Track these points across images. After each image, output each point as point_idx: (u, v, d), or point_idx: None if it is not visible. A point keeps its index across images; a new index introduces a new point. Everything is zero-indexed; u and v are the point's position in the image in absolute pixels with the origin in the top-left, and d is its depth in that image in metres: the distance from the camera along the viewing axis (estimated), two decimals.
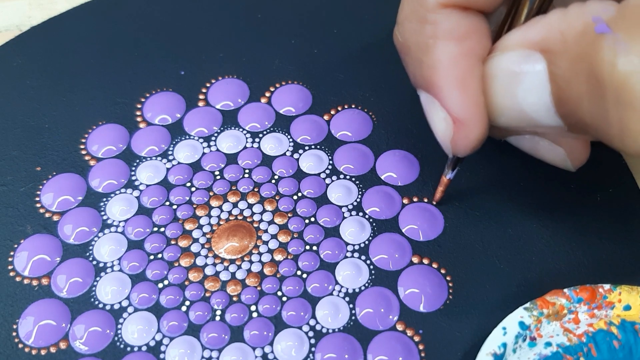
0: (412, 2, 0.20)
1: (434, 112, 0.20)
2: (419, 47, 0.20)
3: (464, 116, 0.19)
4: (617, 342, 0.21)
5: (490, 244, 0.24)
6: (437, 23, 0.20)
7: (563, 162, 0.23)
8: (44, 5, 0.32)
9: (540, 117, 0.18)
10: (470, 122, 0.19)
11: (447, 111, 0.20)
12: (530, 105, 0.18)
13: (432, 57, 0.20)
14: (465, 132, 0.20)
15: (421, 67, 0.20)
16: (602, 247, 0.24)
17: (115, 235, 0.25)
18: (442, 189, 0.24)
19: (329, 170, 0.26)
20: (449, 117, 0.20)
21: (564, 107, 0.17)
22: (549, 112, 0.18)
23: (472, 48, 0.20)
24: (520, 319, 0.21)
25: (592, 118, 0.17)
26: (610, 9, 0.16)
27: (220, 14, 0.31)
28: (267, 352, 0.22)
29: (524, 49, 0.18)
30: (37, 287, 0.23)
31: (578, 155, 0.22)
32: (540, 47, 0.17)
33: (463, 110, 0.19)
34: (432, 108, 0.20)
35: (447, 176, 0.24)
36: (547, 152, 0.23)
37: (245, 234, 0.25)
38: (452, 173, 0.24)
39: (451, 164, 0.23)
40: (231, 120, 0.28)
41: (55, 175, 0.26)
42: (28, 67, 0.29)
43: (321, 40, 0.30)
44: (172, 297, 0.23)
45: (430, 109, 0.21)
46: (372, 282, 0.23)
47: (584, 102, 0.17)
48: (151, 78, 0.29)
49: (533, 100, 0.18)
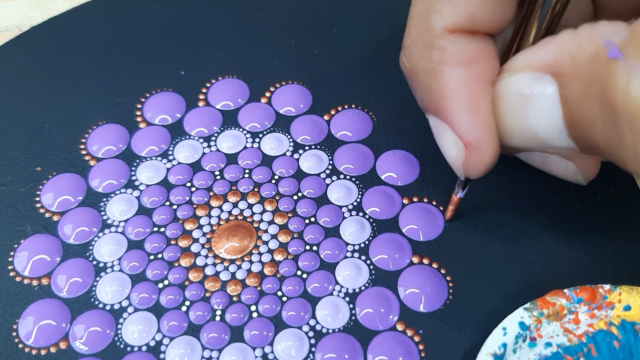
0: (419, 28, 0.20)
1: (444, 137, 0.20)
2: (427, 72, 0.20)
3: (476, 140, 0.19)
4: (617, 342, 0.21)
5: (490, 244, 0.24)
6: (445, 49, 0.19)
7: (574, 177, 0.23)
8: (44, 5, 0.32)
9: (552, 140, 0.18)
10: (482, 145, 0.19)
11: (458, 135, 0.20)
12: (542, 127, 0.18)
13: (440, 83, 0.20)
14: (477, 155, 0.20)
15: (430, 92, 0.20)
16: (602, 247, 0.24)
17: (115, 235, 0.25)
18: (452, 207, 0.24)
19: (329, 170, 0.26)
20: (460, 141, 0.20)
21: (576, 130, 0.17)
22: (561, 134, 0.18)
23: (481, 71, 0.19)
24: (520, 319, 0.21)
25: (606, 142, 0.17)
26: (621, 32, 0.16)
27: (220, 14, 0.31)
28: (267, 352, 0.22)
29: (534, 71, 0.18)
30: (37, 287, 0.23)
31: (589, 170, 0.22)
32: (550, 70, 0.17)
33: (474, 134, 0.19)
34: (442, 132, 0.20)
35: (458, 195, 0.24)
36: (558, 168, 0.23)
37: (245, 234, 0.25)
38: (462, 192, 0.23)
39: (462, 184, 0.23)
40: (231, 120, 0.28)
41: (55, 175, 0.26)
42: (28, 67, 0.29)
43: (321, 40, 0.30)
44: (172, 297, 0.23)
45: (440, 134, 0.21)
46: (372, 282, 0.23)
47: (597, 126, 0.16)
48: (151, 78, 0.29)
49: (544, 122, 0.18)
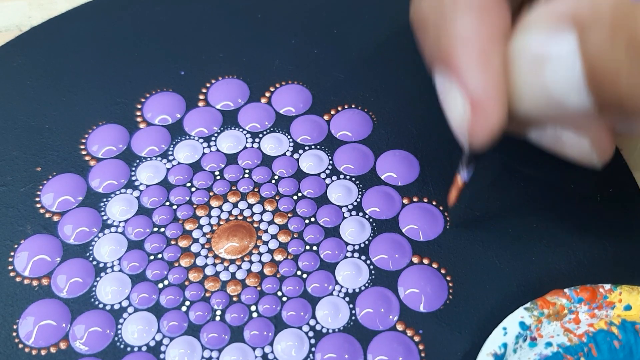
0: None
1: (450, 96, 0.19)
2: (437, 21, 0.19)
3: (484, 98, 0.18)
4: (617, 342, 0.21)
5: (490, 244, 0.24)
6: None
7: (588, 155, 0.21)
8: (44, 5, 0.32)
9: (569, 98, 0.17)
10: (490, 105, 0.18)
11: (465, 92, 0.18)
12: (559, 85, 0.17)
13: (451, 31, 0.18)
14: (484, 117, 0.18)
15: (439, 42, 0.19)
16: (602, 247, 0.24)
17: (116, 235, 0.25)
18: (456, 191, 0.23)
19: (329, 170, 0.26)
20: (466, 102, 0.18)
21: (598, 82, 0.16)
22: (579, 91, 0.17)
23: (494, 22, 0.18)
24: (520, 319, 0.21)
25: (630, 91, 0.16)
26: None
27: (220, 14, 0.31)
28: (267, 352, 0.22)
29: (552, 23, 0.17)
30: (37, 287, 0.23)
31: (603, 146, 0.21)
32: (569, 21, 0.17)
33: (483, 90, 0.18)
34: (448, 91, 0.19)
35: (462, 177, 0.22)
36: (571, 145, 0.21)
37: (245, 234, 0.25)
38: (467, 175, 0.22)
39: (466, 162, 0.21)
40: (231, 120, 0.28)
41: (56, 175, 0.26)
42: (28, 67, 0.29)
43: (321, 40, 0.30)
44: (172, 297, 0.23)
45: (446, 92, 0.19)
46: (372, 282, 0.23)
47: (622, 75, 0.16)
48: (151, 78, 0.29)
49: (562, 79, 0.17)
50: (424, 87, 0.27)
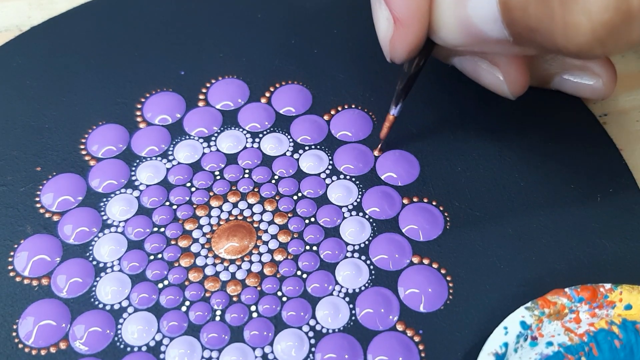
0: None
1: (378, 11, 0.22)
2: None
3: (405, 16, 0.21)
4: (618, 341, 0.21)
5: (490, 244, 0.24)
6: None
7: (501, 86, 0.24)
8: (44, 5, 0.32)
9: (488, 29, 0.20)
10: (410, 23, 0.21)
11: (390, 9, 0.21)
12: (478, 15, 0.19)
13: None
14: (404, 33, 0.21)
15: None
16: (602, 247, 0.24)
17: (115, 235, 0.25)
18: (388, 124, 0.25)
19: (329, 170, 0.26)
20: (391, 17, 0.21)
21: (511, 14, 0.19)
22: (495, 22, 0.19)
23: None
24: (521, 318, 0.21)
25: (538, 20, 0.18)
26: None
27: (220, 14, 0.31)
28: (267, 352, 0.22)
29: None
30: (37, 287, 0.23)
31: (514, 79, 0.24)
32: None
33: (405, 10, 0.21)
34: (377, 6, 0.22)
35: (392, 112, 0.25)
36: (486, 75, 0.24)
37: (245, 234, 0.25)
38: (396, 109, 0.25)
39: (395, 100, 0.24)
40: (231, 120, 0.28)
41: (55, 175, 0.26)
42: (28, 67, 0.29)
43: (321, 40, 0.30)
44: (172, 297, 0.23)
45: (375, 8, 0.22)
46: (372, 282, 0.23)
47: (530, 6, 0.18)
48: (151, 78, 0.29)
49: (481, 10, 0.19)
50: (424, 87, 0.27)
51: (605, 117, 0.28)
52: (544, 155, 0.26)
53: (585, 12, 0.17)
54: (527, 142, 0.27)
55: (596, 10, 0.17)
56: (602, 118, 0.28)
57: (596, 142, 0.27)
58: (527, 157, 0.26)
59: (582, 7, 0.17)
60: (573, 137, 0.27)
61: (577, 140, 0.27)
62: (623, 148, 0.27)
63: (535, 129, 0.27)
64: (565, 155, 0.26)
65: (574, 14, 0.17)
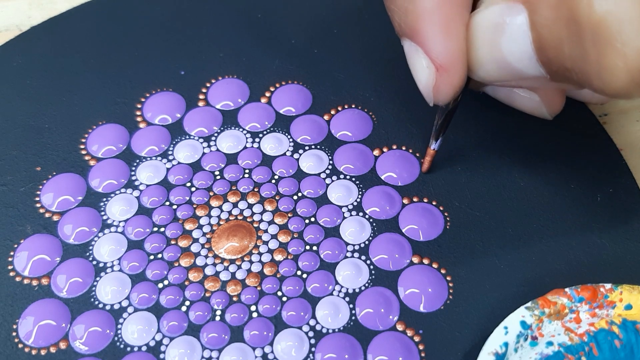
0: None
1: (416, 60, 0.21)
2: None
3: (447, 62, 0.20)
4: (618, 341, 0.21)
5: (490, 244, 0.24)
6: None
7: (539, 109, 0.24)
8: (44, 5, 0.32)
9: (523, 66, 0.19)
10: (453, 68, 0.20)
11: (430, 58, 0.20)
12: (513, 54, 0.19)
13: (416, 4, 0.20)
14: (447, 78, 0.21)
15: (406, 14, 0.21)
16: (602, 247, 0.24)
17: (115, 235, 0.25)
18: (429, 159, 0.25)
19: (329, 170, 0.26)
20: (431, 65, 0.21)
21: (545, 53, 0.18)
22: (531, 60, 0.19)
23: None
24: (521, 318, 0.21)
25: (573, 61, 0.18)
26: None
27: (220, 14, 0.31)
28: (267, 352, 0.22)
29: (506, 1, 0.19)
30: (37, 287, 0.23)
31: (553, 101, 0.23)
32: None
33: (446, 56, 0.20)
34: (415, 56, 0.21)
35: (432, 147, 0.25)
36: (522, 100, 0.24)
37: (245, 234, 0.25)
38: (436, 144, 0.25)
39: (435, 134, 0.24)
40: (231, 120, 0.28)
41: (55, 175, 0.26)
42: (28, 67, 0.29)
43: (321, 40, 0.30)
44: (172, 297, 0.23)
45: (413, 57, 0.21)
46: (372, 282, 0.23)
47: (565, 47, 0.18)
48: (151, 78, 0.29)
49: (516, 49, 0.19)
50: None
51: (605, 117, 0.28)
52: (544, 155, 0.26)
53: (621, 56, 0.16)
54: (527, 142, 0.27)
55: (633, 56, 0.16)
56: (602, 118, 0.28)
57: (596, 142, 0.27)
58: (527, 157, 0.26)
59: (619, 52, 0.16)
60: (573, 137, 0.27)
61: (577, 140, 0.27)
62: (623, 148, 0.27)
63: (535, 129, 0.27)
64: (565, 155, 0.26)
65: (609, 57, 0.17)
